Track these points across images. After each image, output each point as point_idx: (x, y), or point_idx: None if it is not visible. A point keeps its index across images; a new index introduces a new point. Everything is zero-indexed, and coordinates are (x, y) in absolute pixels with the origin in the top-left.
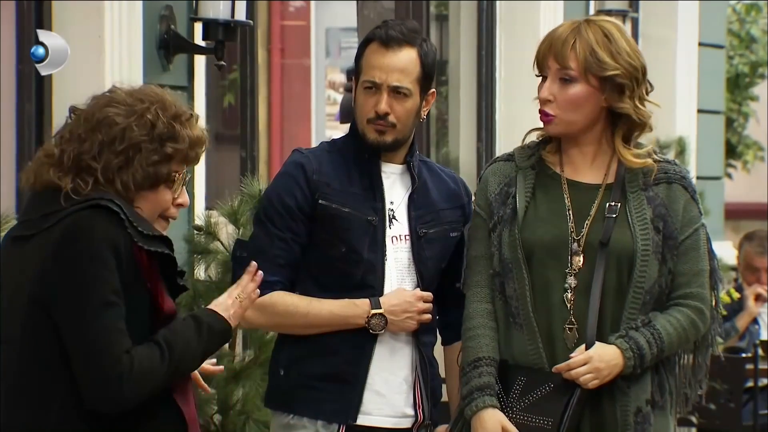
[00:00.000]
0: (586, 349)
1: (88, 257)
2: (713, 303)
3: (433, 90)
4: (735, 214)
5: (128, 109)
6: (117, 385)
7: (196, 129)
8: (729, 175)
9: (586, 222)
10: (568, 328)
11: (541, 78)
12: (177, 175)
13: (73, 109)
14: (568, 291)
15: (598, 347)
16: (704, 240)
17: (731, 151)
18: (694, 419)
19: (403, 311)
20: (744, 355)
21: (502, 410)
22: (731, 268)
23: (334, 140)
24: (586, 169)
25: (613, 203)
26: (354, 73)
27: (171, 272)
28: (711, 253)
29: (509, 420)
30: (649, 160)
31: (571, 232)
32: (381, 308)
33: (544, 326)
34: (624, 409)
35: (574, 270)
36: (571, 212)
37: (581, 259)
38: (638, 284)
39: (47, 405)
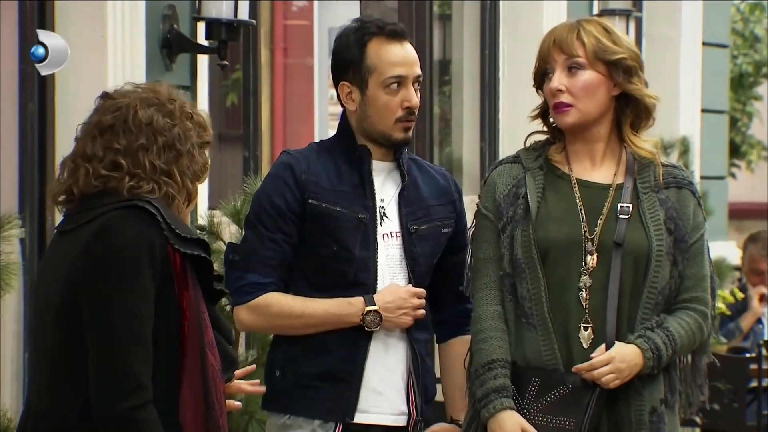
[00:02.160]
0: (606, 348)
1: (118, 256)
2: (712, 309)
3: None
4: (739, 213)
5: (164, 108)
6: (124, 400)
7: (203, 112)
8: (733, 175)
9: (599, 221)
10: (584, 327)
11: (544, 84)
12: (207, 162)
13: (98, 122)
14: (583, 290)
15: (619, 347)
16: (706, 246)
17: (735, 151)
18: (697, 419)
19: (397, 307)
20: (748, 355)
21: (518, 412)
22: (735, 268)
23: (322, 141)
24: (595, 168)
25: (625, 204)
26: (353, 77)
27: (208, 276)
28: (709, 259)
29: (527, 422)
30: (657, 158)
31: (584, 231)
32: (375, 305)
33: (560, 326)
34: (639, 408)
35: (588, 269)
36: (583, 212)
37: (595, 258)
38: (652, 285)
39: (72, 401)
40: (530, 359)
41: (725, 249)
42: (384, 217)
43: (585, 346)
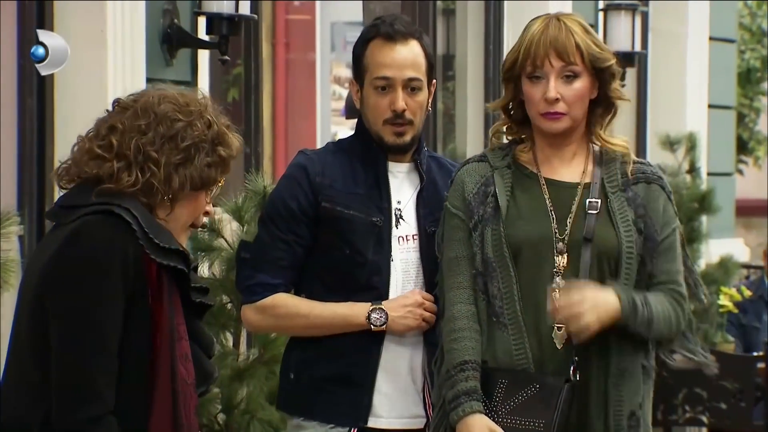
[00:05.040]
0: (576, 355)
1: (85, 262)
2: (691, 301)
3: (434, 80)
4: (746, 210)
5: (184, 109)
6: (81, 410)
7: (237, 138)
8: (740, 171)
9: (568, 220)
10: (558, 327)
11: (514, 80)
12: (220, 181)
13: (118, 101)
14: (556, 291)
15: (591, 287)
16: (680, 241)
17: (742, 147)
18: (704, 419)
19: (401, 306)
20: (755, 353)
21: (486, 415)
22: (742, 266)
23: (340, 140)
24: (564, 168)
25: (593, 200)
26: (356, 75)
27: (186, 289)
28: (685, 252)
29: (496, 424)
30: (629, 153)
31: (555, 230)
32: (380, 304)
33: (532, 326)
34: (618, 413)
35: (560, 270)
36: (552, 211)
37: (565, 258)
38: (625, 285)
39: (37, 408)
40: (501, 359)
41: (732, 246)
42: (400, 220)
43: (558, 346)
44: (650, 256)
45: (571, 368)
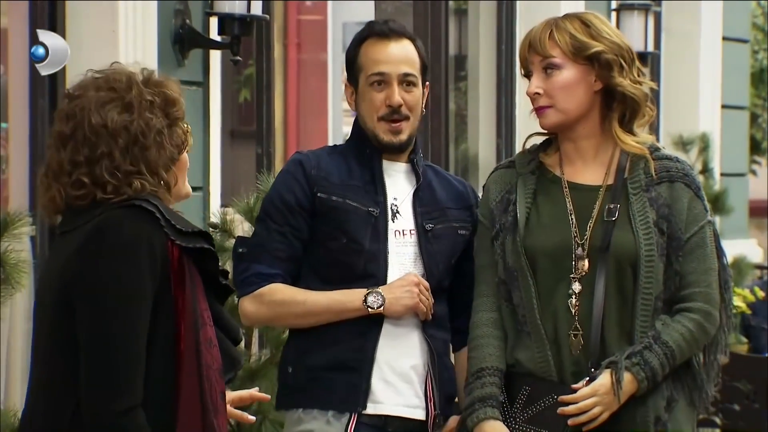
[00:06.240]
0: (589, 362)
1: (112, 255)
2: (724, 302)
3: (428, 83)
4: (759, 211)
5: (122, 101)
6: (112, 403)
7: (171, 83)
8: (753, 172)
9: (589, 225)
10: (573, 334)
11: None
12: (187, 130)
13: (58, 132)
14: (573, 296)
15: (605, 379)
16: (711, 237)
17: (756, 148)
18: (717, 420)
19: (398, 286)
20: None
21: (505, 420)
22: (756, 266)
23: (336, 145)
24: (586, 168)
25: (612, 206)
26: (350, 76)
27: (214, 269)
28: (719, 250)
29: (511, 431)
30: (648, 154)
31: (575, 236)
32: (376, 288)
33: (551, 332)
34: (644, 419)
35: (580, 275)
36: (573, 216)
37: (586, 263)
38: (646, 291)
39: (65, 402)
40: (526, 365)
41: (745, 247)
42: (397, 215)
43: (575, 353)
44: (676, 255)
45: (585, 380)
